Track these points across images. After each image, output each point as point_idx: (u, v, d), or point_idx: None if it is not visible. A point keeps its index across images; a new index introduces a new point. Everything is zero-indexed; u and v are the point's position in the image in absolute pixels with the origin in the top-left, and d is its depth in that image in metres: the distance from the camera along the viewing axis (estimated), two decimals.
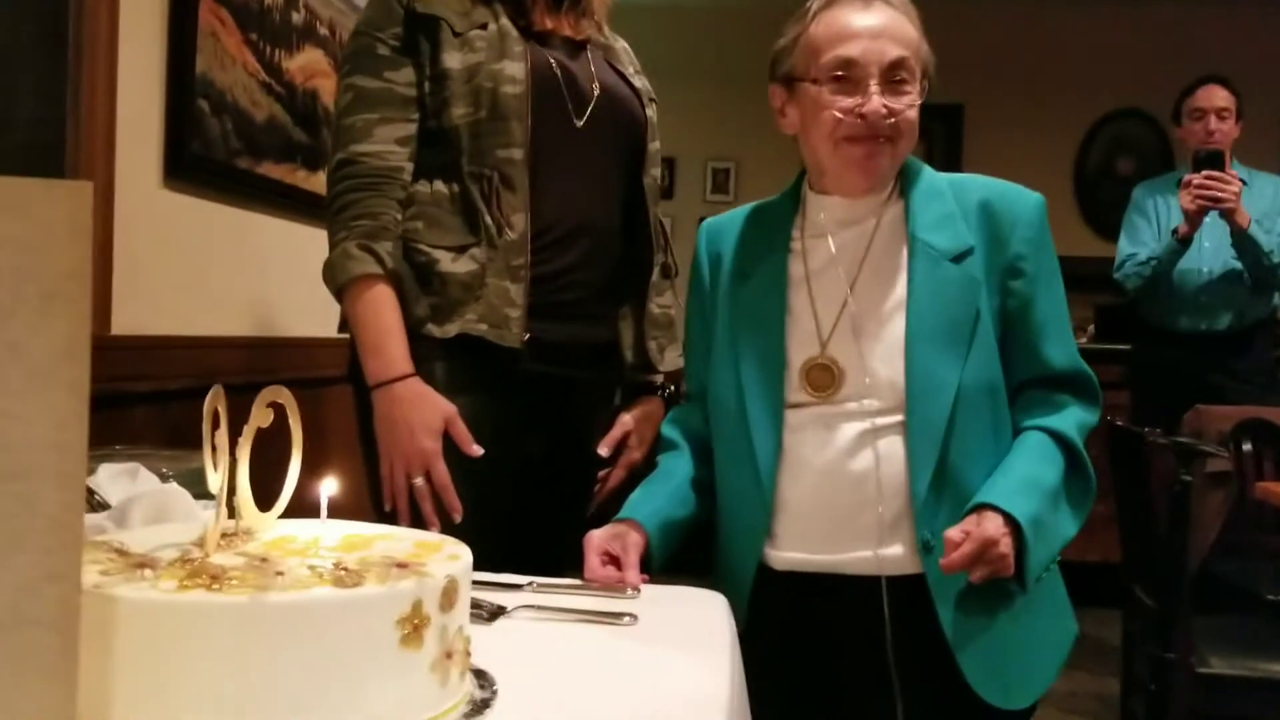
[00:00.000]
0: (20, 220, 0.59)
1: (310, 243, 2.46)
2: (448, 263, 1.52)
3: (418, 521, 1.47)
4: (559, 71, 1.59)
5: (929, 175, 1.45)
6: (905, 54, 1.35)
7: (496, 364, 1.53)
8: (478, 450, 1.49)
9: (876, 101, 1.33)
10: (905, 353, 1.34)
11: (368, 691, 0.78)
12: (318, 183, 2.51)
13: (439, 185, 1.56)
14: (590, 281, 1.62)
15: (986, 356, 1.36)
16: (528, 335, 1.53)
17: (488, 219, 1.52)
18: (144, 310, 1.89)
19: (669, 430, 1.56)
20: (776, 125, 1.48)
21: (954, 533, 1.23)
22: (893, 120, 1.34)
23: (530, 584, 1.27)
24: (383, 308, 1.50)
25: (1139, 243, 3.47)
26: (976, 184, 1.43)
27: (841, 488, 1.35)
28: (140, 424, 1.85)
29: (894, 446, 1.34)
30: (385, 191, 1.53)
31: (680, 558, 1.44)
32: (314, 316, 2.41)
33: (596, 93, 1.63)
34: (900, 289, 1.38)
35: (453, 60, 1.54)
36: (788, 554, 1.38)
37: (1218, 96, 3.40)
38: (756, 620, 1.39)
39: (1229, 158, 3.30)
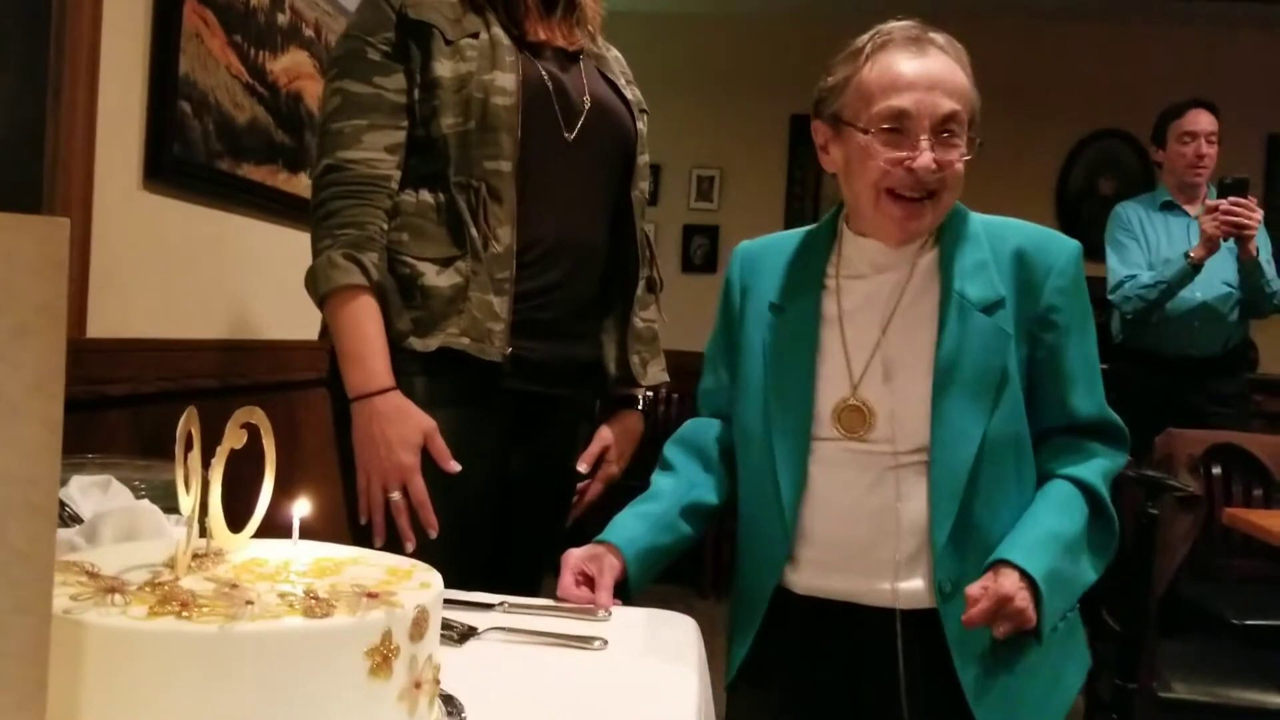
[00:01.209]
0: None
1: (290, 245, 2.46)
2: (432, 276, 1.52)
3: (394, 535, 1.46)
4: (550, 83, 1.58)
5: (965, 218, 1.44)
6: (958, 108, 1.34)
7: (478, 379, 1.52)
8: (455, 467, 1.49)
9: (927, 157, 1.32)
10: (931, 402, 1.35)
11: None
12: (299, 185, 2.51)
13: (425, 195, 1.55)
14: (574, 298, 1.62)
15: (1012, 408, 1.36)
16: (510, 350, 1.52)
17: (473, 231, 1.52)
18: (120, 312, 1.88)
19: (671, 449, 1.55)
20: (759, 134, 1.49)
21: (974, 589, 1.25)
22: (940, 175, 1.34)
23: (502, 604, 1.27)
24: (365, 319, 1.49)
25: (1131, 264, 3.42)
26: (1014, 230, 1.43)
27: (863, 521, 1.36)
28: (114, 427, 1.84)
29: (916, 486, 1.36)
30: (372, 200, 1.52)
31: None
32: (291, 319, 2.40)
33: (588, 105, 1.62)
34: (930, 336, 1.38)
35: (443, 69, 1.52)
36: (807, 579, 1.40)
37: (1207, 121, 3.41)
38: (771, 642, 1.40)
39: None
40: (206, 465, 0.89)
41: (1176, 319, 3.36)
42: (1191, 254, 3.23)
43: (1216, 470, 2.86)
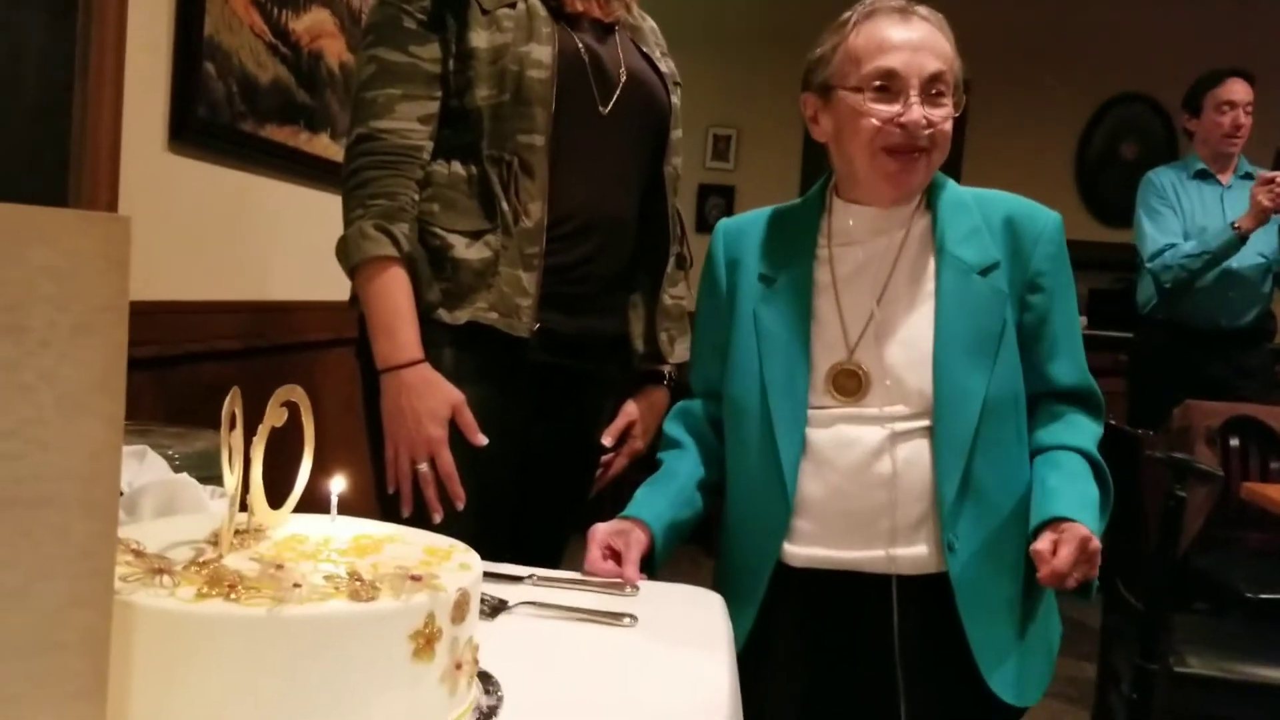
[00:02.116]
0: (55, 251, 0.59)
1: (311, 206, 2.46)
2: (462, 248, 1.52)
3: (421, 506, 1.48)
4: (587, 56, 1.57)
5: (953, 188, 1.48)
6: (943, 68, 1.38)
7: (505, 353, 1.53)
8: (483, 440, 1.50)
9: (917, 112, 1.36)
10: (934, 363, 1.37)
11: (378, 703, 0.79)
12: (320, 145, 2.50)
13: (456, 167, 1.54)
14: (604, 274, 1.61)
15: (1011, 367, 1.40)
16: (538, 325, 1.53)
17: (504, 205, 1.51)
18: (146, 275, 1.89)
19: (672, 428, 1.57)
20: (777, 93, 1.50)
21: (1043, 545, 1.27)
22: (930, 131, 1.37)
23: (530, 576, 1.29)
24: (396, 291, 1.49)
25: (1169, 232, 3.37)
26: (1000, 200, 1.47)
27: (862, 489, 1.38)
28: (139, 390, 1.85)
29: (918, 450, 1.37)
30: (404, 171, 1.51)
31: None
32: (312, 280, 2.41)
33: (623, 78, 1.61)
34: (928, 300, 1.41)
35: (479, 39, 1.51)
36: (806, 550, 1.41)
37: (1245, 90, 3.37)
38: (769, 616, 1.41)
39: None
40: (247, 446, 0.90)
41: (1212, 289, 3.33)
42: (1239, 224, 3.19)
43: (1234, 442, 2.86)
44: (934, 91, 1.37)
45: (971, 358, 1.37)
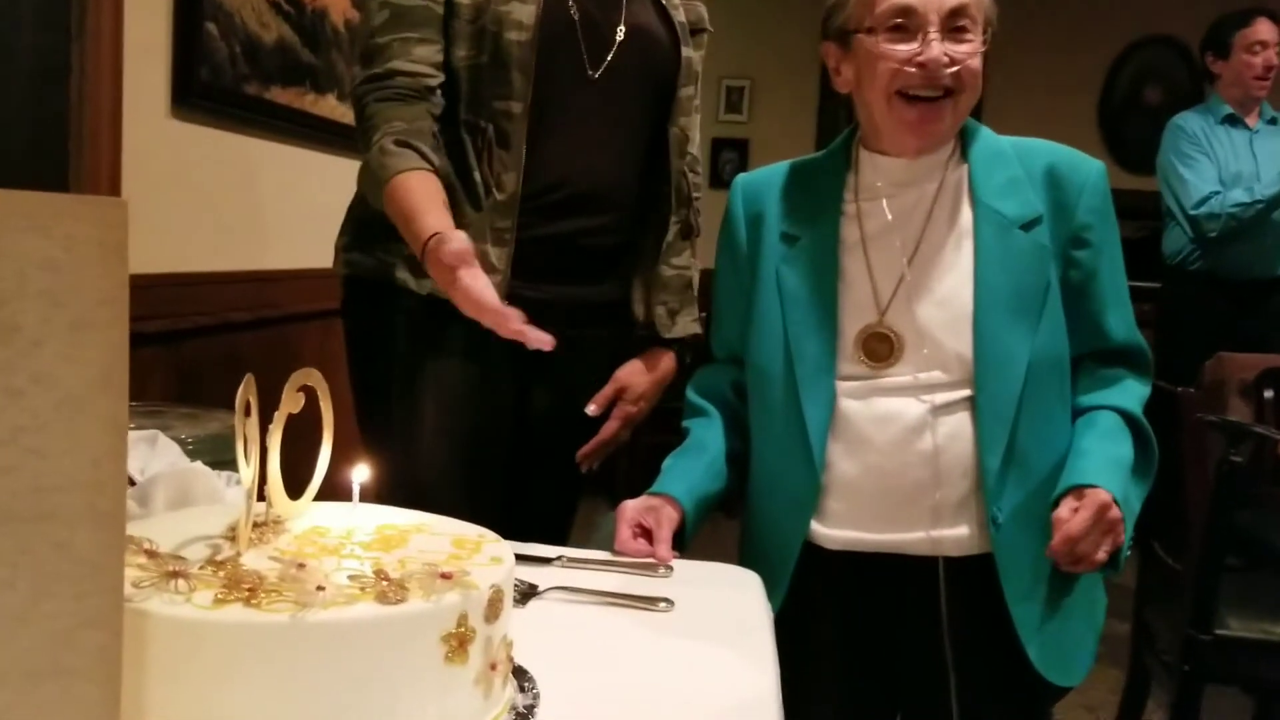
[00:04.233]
0: (48, 240, 0.54)
1: (319, 169, 2.40)
2: None
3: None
4: (577, 14, 1.47)
5: (989, 137, 1.39)
6: (967, 1, 1.27)
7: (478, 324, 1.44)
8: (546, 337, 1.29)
9: (937, 49, 1.26)
10: (974, 325, 1.29)
11: (409, 711, 0.75)
12: (327, 107, 2.43)
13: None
14: (596, 244, 1.53)
15: (1055, 328, 1.32)
16: (507, 301, 1.43)
17: (476, 176, 1.43)
18: (153, 246, 1.83)
19: (696, 395, 1.50)
20: (791, 41, 1.41)
21: (1063, 510, 1.21)
22: (954, 69, 1.27)
23: (560, 558, 1.24)
24: (426, 194, 1.35)
25: (1208, 179, 3.26)
26: (1041, 149, 1.38)
27: (902, 468, 1.30)
28: (150, 364, 1.80)
29: (960, 424, 1.30)
30: (419, 105, 1.42)
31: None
32: (325, 246, 2.34)
33: (620, 37, 1.50)
34: (966, 257, 1.32)
35: None
36: (840, 532, 1.34)
37: (1272, 30, 3.27)
38: (800, 598, 1.35)
39: None
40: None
41: (1251, 238, 3.22)
42: None
43: (1268, 394, 2.79)
44: (957, 26, 1.27)
45: (1014, 318, 1.29)
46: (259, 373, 0.87)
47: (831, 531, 1.34)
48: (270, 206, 2.26)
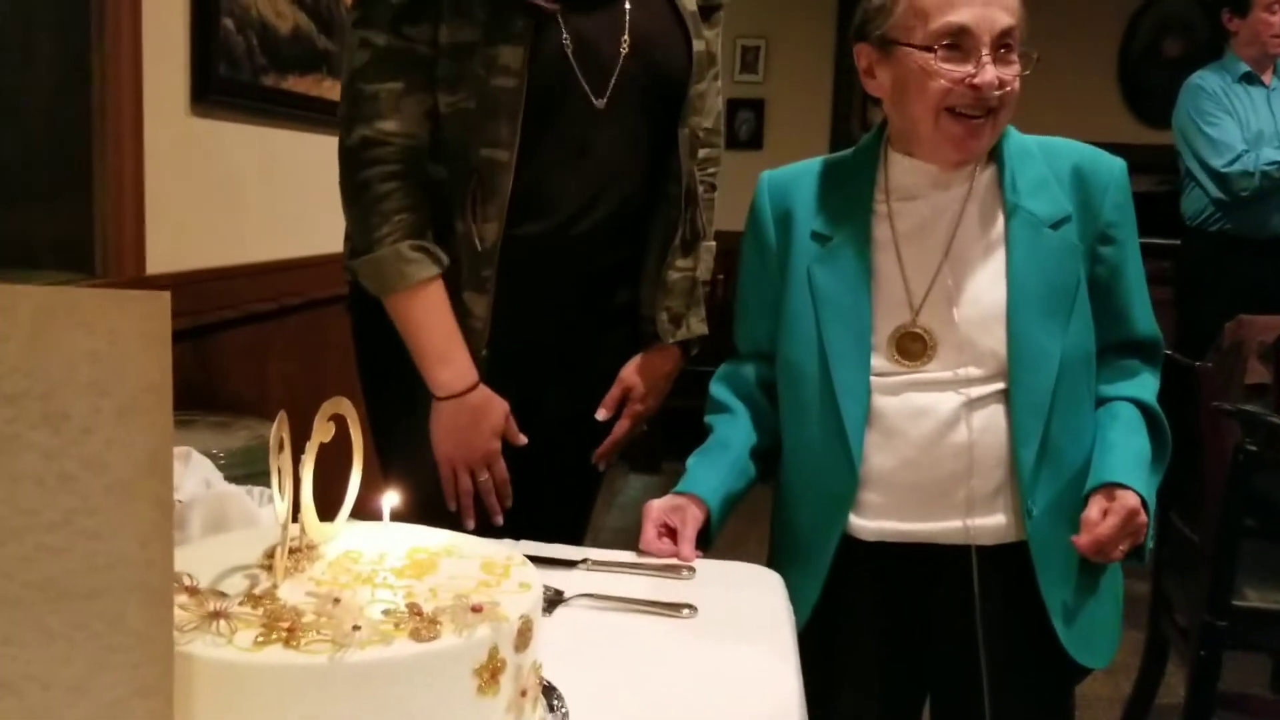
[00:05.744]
0: (92, 335, 0.56)
1: (335, 151, 2.40)
2: None
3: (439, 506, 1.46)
4: (571, 47, 1.41)
5: (1017, 137, 1.41)
6: (1013, 23, 1.30)
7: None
8: (523, 440, 1.48)
9: (991, 73, 1.28)
10: (1008, 322, 1.33)
11: None
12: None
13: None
14: (598, 267, 1.53)
15: (1084, 324, 1.36)
16: (484, 352, 1.45)
17: (459, 226, 1.42)
18: (176, 244, 1.86)
19: (720, 391, 1.51)
20: (813, 4, 1.40)
21: (1092, 513, 1.27)
22: (1001, 92, 1.30)
23: (585, 561, 1.27)
24: (444, 312, 1.42)
25: (1235, 137, 3.22)
26: (1066, 149, 1.41)
27: (937, 459, 1.34)
28: (177, 362, 1.82)
29: (994, 416, 1.34)
30: (417, 176, 1.41)
31: None
32: (342, 229, 2.37)
33: (624, 53, 1.44)
34: (999, 256, 1.35)
35: (443, 33, 1.37)
36: (876, 524, 1.37)
37: None
38: (835, 588, 1.38)
39: None
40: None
41: (1274, 198, 3.19)
42: None
43: None
44: (1003, 48, 1.30)
45: (1047, 316, 1.33)
46: (283, 361, 0.89)
47: (867, 523, 1.37)
48: (290, 195, 2.28)
